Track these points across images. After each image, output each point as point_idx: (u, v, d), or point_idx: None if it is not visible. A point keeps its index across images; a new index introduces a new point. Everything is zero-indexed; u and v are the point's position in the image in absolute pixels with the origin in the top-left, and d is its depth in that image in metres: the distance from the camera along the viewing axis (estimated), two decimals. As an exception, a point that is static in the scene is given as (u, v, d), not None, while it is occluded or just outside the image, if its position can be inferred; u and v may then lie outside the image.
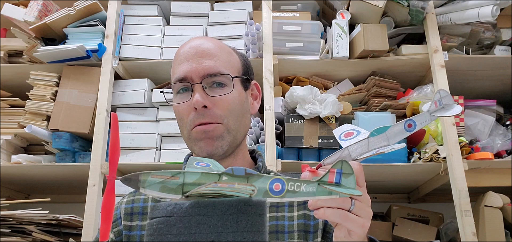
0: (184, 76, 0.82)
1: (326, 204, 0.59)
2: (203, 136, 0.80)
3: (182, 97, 0.83)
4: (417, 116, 0.66)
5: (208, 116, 0.80)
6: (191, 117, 0.81)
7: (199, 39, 0.88)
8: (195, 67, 0.81)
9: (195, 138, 0.81)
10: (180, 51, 0.87)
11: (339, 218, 0.59)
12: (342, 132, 0.71)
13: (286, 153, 1.60)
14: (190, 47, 0.85)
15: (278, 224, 0.80)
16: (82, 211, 1.47)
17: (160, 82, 1.71)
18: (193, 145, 0.82)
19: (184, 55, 0.84)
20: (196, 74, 0.81)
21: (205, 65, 0.82)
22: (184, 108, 0.82)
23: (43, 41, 1.73)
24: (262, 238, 0.57)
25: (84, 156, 1.62)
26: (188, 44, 0.87)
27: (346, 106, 1.66)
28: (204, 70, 0.81)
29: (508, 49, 1.77)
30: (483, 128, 1.72)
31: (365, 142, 0.65)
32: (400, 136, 0.66)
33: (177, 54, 0.87)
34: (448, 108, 0.66)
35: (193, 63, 0.82)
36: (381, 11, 1.67)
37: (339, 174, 0.56)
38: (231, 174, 0.55)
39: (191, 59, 0.82)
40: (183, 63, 0.83)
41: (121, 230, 0.83)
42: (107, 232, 0.51)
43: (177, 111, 0.84)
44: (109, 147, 0.53)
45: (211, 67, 0.82)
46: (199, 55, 0.83)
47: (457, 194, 1.47)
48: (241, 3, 1.80)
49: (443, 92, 0.66)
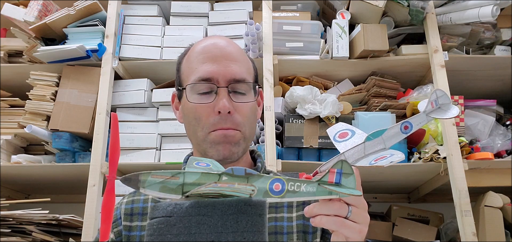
0: (209, 77, 0.79)
1: (322, 211, 0.58)
2: (223, 140, 0.79)
3: (202, 97, 0.80)
4: (414, 117, 0.65)
5: (230, 122, 0.79)
6: (211, 120, 0.79)
7: (221, 39, 0.85)
8: (223, 70, 0.79)
9: (213, 141, 0.79)
10: (198, 47, 0.84)
11: (336, 226, 0.58)
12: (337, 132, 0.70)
13: (286, 153, 1.60)
14: (214, 46, 0.82)
15: (277, 225, 0.80)
16: (82, 211, 1.47)
17: (160, 82, 1.71)
18: (208, 148, 0.80)
19: (208, 54, 0.81)
20: (223, 77, 0.79)
21: (233, 69, 0.80)
22: (204, 109, 0.80)
23: (43, 41, 1.73)
24: (262, 238, 0.57)
25: (84, 156, 1.62)
26: (209, 42, 0.84)
27: (346, 106, 1.66)
28: (231, 74, 0.80)
29: (508, 49, 1.77)
30: (483, 128, 1.72)
31: (361, 147, 0.64)
32: (397, 138, 0.64)
33: (195, 51, 0.84)
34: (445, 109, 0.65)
35: (220, 66, 0.80)
36: (381, 11, 1.67)
37: (339, 174, 0.56)
38: (231, 174, 0.55)
39: (217, 60, 0.80)
40: (207, 63, 0.80)
41: (121, 230, 0.83)
42: (107, 232, 0.51)
43: (194, 110, 0.81)
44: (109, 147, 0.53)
45: (238, 73, 0.80)
46: (225, 57, 0.81)
47: (457, 194, 1.47)
48: (241, 3, 1.80)
49: (440, 92, 0.64)
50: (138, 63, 1.70)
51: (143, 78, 1.69)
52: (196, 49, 0.84)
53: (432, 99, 0.64)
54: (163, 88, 1.66)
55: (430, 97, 0.64)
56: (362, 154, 0.64)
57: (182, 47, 1.74)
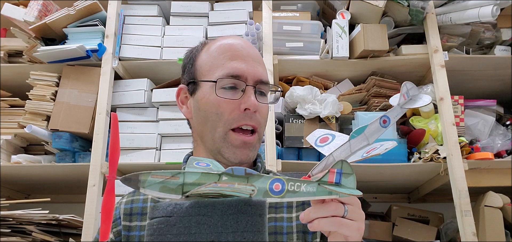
0: (239, 74, 0.80)
1: (319, 214, 0.58)
2: (242, 145, 0.79)
3: (228, 93, 0.80)
4: (390, 111, 0.68)
5: (253, 120, 0.80)
6: (234, 115, 0.79)
7: (243, 41, 0.87)
8: (252, 69, 0.81)
9: (232, 143, 0.79)
10: (222, 45, 0.84)
11: (335, 226, 0.58)
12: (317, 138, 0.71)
13: (286, 153, 1.60)
14: (240, 46, 0.84)
15: (276, 225, 0.79)
16: (82, 211, 1.47)
17: (160, 82, 1.71)
18: (225, 147, 0.80)
19: (236, 52, 0.82)
20: (251, 76, 0.81)
21: (259, 70, 0.82)
22: (228, 105, 0.79)
23: (43, 41, 1.73)
24: (262, 238, 0.57)
25: (84, 156, 1.62)
26: (234, 40, 0.85)
27: (346, 106, 1.66)
28: (259, 75, 0.82)
29: (508, 49, 1.77)
30: (483, 128, 1.72)
31: (347, 145, 0.65)
32: (378, 133, 0.67)
33: (218, 48, 0.84)
34: (416, 99, 0.69)
35: (248, 65, 0.81)
36: (381, 11, 1.67)
37: (339, 174, 0.56)
38: (231, 174, 0.55)
39: (245, 59, 0.82)
40: (236, 60, 0.81)
41: (120, 230, 0.83)
42: (107, 232, 0.51)
43: (217, 105, 0.80)
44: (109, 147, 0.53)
45: (263, 75, 0.83)
46: (252, 58, 0.83)
47: (457, 194, 1.47)
48: (241, 3, 1.80)
49: (409, 84, 0.68)
50: (138, 63, 1.70)
51: (143, 78, 1.69)
52: (220, 45, 0.84)
53: (404, 92, 0.68)
54: (163, 88, 1.66)
55: (402, 90, 0.68)
56: (349, 153, 0.65)
57: (182, 47, 1.76)
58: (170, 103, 1.64)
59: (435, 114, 1.66)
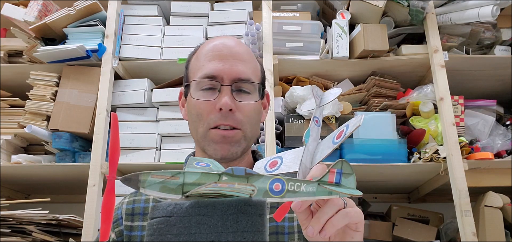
0: (215, 74, 0.81)
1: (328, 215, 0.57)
2: (221, 140, 0.80)
3: (206, 94, 0.81)
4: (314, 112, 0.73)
5: (230, 119, 0.80)
6: (212, 116, 0.80)
7: (231, 40, 0.87)
8: (228, 68, 0.81)
9: (211, 139, 0.80)
10: (208, 46, 0.85)
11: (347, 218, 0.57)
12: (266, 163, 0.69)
13: (286, 153, 1.60)
14: (223, 46, 0.84)
15: (278, 225, 0.80)
16: (82, 211, 1.47)
17: (160, 82, 1.71)
18: (206, 145, 0.81)
19: (216, 52, 0.83)
20: (228, 75, 0.80)
21: (238, 69, 0.81)
22: (206, 106, 0.81)
23: (43, 41, 1.73)
24: (262, 238, 0.57)
25: (84, 156, 1.62)
26: (219, 41, 0.85)
27: (346, 106, 1.66)
28: (236, 73, 0.81)
29: (508, 49, 1.77)
30: (483, 128, 1.72)
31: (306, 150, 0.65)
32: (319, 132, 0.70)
33: (204, 49, 0.85)
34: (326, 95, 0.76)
35: (226, 64, 0.81)
36: (381, 11, 1.67)
37: (339, 174, 0.56)
38: (231, 174, 0.55)
39: (223, 58, 0.81)
40: (214, 61, 0.81)
41: (122, 230, 0.83)
42: (107, 232, 0.51)
43: (197, 107, 0.82)
44: (109, 147, 0.53)
45: (243, 73, 0.82)
46: (232, 56, 0.82)
47: (457, 194, 1.47)
48: (241, 3, 1.80)
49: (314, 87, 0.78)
50: (138, 63, 1.70)
51: (143, 78, 1.69)
52: (206, 47, 0.86)
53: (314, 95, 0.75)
54: (163, 88, 1.66)
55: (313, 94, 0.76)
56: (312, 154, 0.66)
57: (182, 47, 1.76)
58: (170, 103, 1.64)
59: (435, 114, 1.66)
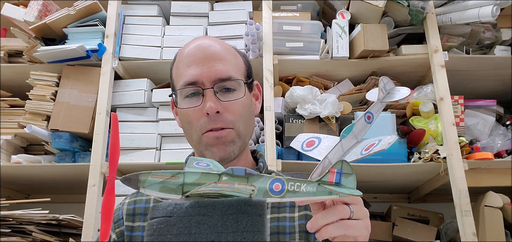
0: (194, 80, 0.80)
1: (327, 220, 0.57)
2: (215, 142, 0.79)
3: (191, 101, 0.81)
4: (371, 107, 0.69)
5: (220, 122, 0.79)
6: (202, 122, 0.79)
7: (205, 40, 0.85)
8: (206, 71, 0.79)
9: (206, 143, 0.80)
10: (184, 52, 0.84)
11: (344, 230, 0.57)
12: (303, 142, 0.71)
13: (286, 153, 1.60)
14: (198, 49, 0.83)
15: (279, 225, 0.80)
16: (82, 211, 1.47)
17: (160, 82, 1.71)
18: (203, 150, 0.81)
19: (192, 57, 0.82)
20: (207, 78, 0.79)
21: (217, 69, 0.80)
22: (194, 113, 0.80)
23: (43, 41, 1.73)
24: (262, 238, 0.57)
25: (84, 156, 1.62)
26: (194, 44, 0.84)
27: (346, 106, 1.66)
28: (215, 74, 0.80)
29: (508, 49, 1.77)
30: (483, 128, 1.71)
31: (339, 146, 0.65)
32: (365, 129, 0.67)
33: (181, 55, 0.85)
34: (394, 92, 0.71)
35: (204, 67, 0.80)
36: (381, 11, 1.67)
37: (339, 174, 0.56)
38: (231, 174, 0.55)
39: (200, 62, 0.80)
40: (192, 66, 0.81)
41: (123, 231, 0.83)
42: (107, 232, 0.51)
43: (186, 115, 0.82)
44: (109, 147, 0.53)
45: (223, 72, 0.80)
46: (209, 58, 0.81)
47: (457, 194, 1.47)
48: (241, 3, 1.80)
49: (385, 79, 0.70)
50: (138, 63, 1.70)
51: (143, 78, 1.69)
52: (183, 53, 0.85)
53: (381, 87, 0.70)
54: (163, 88, 1.66)
55: (379, 85, 0.70)
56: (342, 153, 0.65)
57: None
58: (170, 103, 1.64)
59: (435, 114, 1.66)
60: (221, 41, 0.87)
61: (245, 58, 0.90)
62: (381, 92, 0.69)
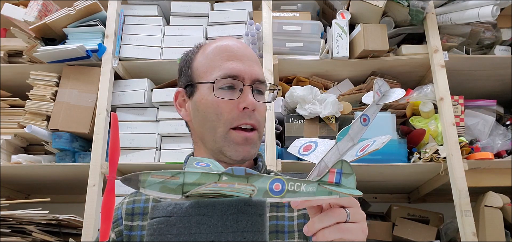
0: (236, 74, 0.81)
1: (323, 224, 0.57)
2: (243, 142, 0.80)
3: (226, 93, 0.81)
4: (367, 109, 0.69)
5: (253, 118, 0.81)
6: (233, 115, 0.80)
7: (239, 42, 0.87)
8: (248, 69, 0.82)
9: (233, 140, 0.80)
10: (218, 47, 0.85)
11: (340, 233, 0.57)
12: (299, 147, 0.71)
13: (286, 153, 1.60)
14: (236, 47, 0.84)
15: (278, 224, 0.80)
16: (82, 211, 1.47)
17: (160, 82, 1.71)
18: (226, 146, 0.80)
19: (232, 52, 0.83)
20: (248, 75, 0.81)
21: (255, 70, 0.83)
22: (227, 105, 0.80)
23: (43, 41, 1.73)
24: (262, 238, 0.57)
25: (84, 156, 1.62)
26: (229, 41, 0.86)
27: (346, 106, 1.66)
28: (255, 74, 0.82)
29: (508, 49, 1.77)
30: (483, 128, 1.71)
31: (335, 148, 0.66)
32: (361, 132, 0.67)
33: (216, 48, 0.85)
34: (389, 94, 0.70)
35: (245, 64, 0.82)
36: (381, 11, 1.67)
37: (339, 174, 0.56)
38: (231, 174, 0.55)
39: (241, 59, 0.82)
40: (233, 61, 0.82)
41: (122, 230, 0.83)
42: (107, 232, 0.51)
43: (215, 106, 0.80)
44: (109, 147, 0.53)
45: (260, 74, 0.84)
46: (249, 57, 0.84)
47: (457, 194, 1.47)
48: (241, 3, 1.80)
49: (380, 81, 0.70)
50: (138, 63, 1.70)
51: (143, 78, 1.69)
52: (215, 47, 0.85)
53: (376, 89, 0.69)
54: (163, 88, 1.66)
55: (374, 88, 0.69)
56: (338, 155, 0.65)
57: (182, 47, 1.76)
58: (170, 103, 1.64)
59: (435, 114, 1.66)
60: None
61: None
62: (376, 95, 0.69)
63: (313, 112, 1.58)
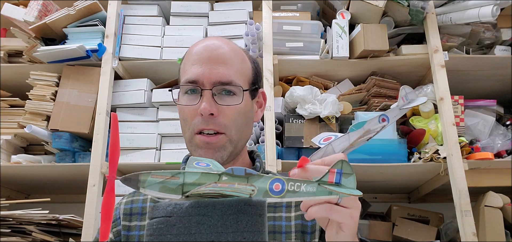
0: (195, 79, 0.80)
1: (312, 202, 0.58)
2: (205, 146, 0.80)
3: (190, 99, 0.81)
4: (389, 111, 0.71)
5: (212, 124, 0.79)
6: (195, 121, 0.80)
7: (215, 41, 0.85)
8: (208, 72, 0.80)
9: (196, 144, 0.81)
10: (193, 49, 0.85)
11: (326, 211, 0.58)
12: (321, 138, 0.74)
13: (286, 153, 1.60)
14: (205, 48, 0.83)
15: (275, 225, 0.80)
16: (82, 211, 1.47)
17: (160, 82, 1.71)
18: (193, 151, 0.82)
19: (198, 56, 0.82)
20: (208, 79, 0.79)
21: (218, 72, 0.80)
22: (189, 111, 0.81)
23: (43, 41, 1.73)
24: (262, 238, 0.57)
25: (84, 156, 1.62)
26: (202, 44, 0.85)
27: (346, 106, 1.66)
28: (216, 77, 0.79)
29: (508, 49, 1.77)
30: (483, 128, 1.71)
31: (346, 137, 0.68)
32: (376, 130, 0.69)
33: (190, 53, 0.85)
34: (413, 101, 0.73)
35: (206, 68, 0.80)
36: (381, 11, 1.67)
37: (339, 174, 0.56)
38: (231, 174, 0.55)
39: (204, 62, 0.81)
40: (196, 65, 0.81)
41: (120, 230, 0.83)
42: (107, 232, 0.51)
43: (182, 111, 0.83)
44: (109, 147, 0.53)
45: (224, 76, 0.80)
46: (214, 60, 0.81)
47: (457, 194, 1.47)
48: (241, 3, 1.80)
49: (408, 88, 0.73)
50: (138, 63, 1.70)
51: (143, 78, 1.69)
52: (191, 51, 0.85)
53: (402, 95, 0.73)
54: (163, 88, 1.66)
55: (400, 93, 0.72)
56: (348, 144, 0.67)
57: (182, 47, 1.76)
58: (170, 103, 1.64)
59: (435, 114, 1.66)
60: (232, 43, 0.87)
61: (255, 65, 0.89)
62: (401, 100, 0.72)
63: (313, 112, 1.58)
